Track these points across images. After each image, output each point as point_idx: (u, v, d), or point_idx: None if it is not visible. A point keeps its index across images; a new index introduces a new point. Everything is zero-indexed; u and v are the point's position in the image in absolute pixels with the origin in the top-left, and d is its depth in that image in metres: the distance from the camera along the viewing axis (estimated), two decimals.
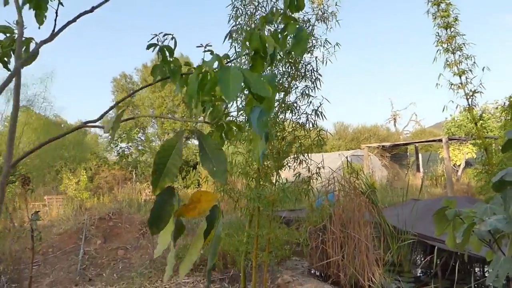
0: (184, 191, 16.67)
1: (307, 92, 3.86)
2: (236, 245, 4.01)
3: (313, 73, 3.86)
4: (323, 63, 4.13)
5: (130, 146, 17.47)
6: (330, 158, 11.73)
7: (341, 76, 58.35)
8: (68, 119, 26.16)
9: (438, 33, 7.75)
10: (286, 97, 4.08)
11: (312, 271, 5.42)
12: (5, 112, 11.21)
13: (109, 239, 6.14)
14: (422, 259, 5.94)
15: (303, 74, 3.87)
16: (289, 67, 3.82)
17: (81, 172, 15.84)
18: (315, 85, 3.86)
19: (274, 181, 3.79)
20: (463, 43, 7.57)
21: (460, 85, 7.60)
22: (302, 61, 3.99)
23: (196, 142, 24.81)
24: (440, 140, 14.75)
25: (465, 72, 7.60)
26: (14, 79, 1.22)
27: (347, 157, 6.13)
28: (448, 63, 7.66)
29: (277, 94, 4.09)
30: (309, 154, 4.05)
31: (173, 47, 1.35)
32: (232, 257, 4.73)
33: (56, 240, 5.84)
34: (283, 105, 4.04)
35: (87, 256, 5.50)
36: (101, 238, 6.08)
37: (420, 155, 19.26)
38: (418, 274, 5.46)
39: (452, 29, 7.63)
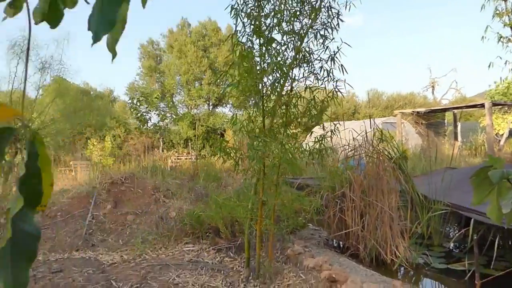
0: (210, 159, 16.44)
1: (322, 33, 3.24)
2: (241, 212, 3.61)
3: (330, 11, 3.22)
4: (345, 8, 3.52)
5: (150, 110, 17.34)
6: (362, 126, 11.05)
7: (374, 39, 55.30)
8: (93, 84, 26.35)
9: None
10: (302, 45, 3.48)
11: (330, 242, 4.98)
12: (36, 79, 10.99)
13: (120, 204, 5.94)
14: (456, 232, 5.35)
15: (318, 10, 3.23)
16: (299, 3, 3.19)
17: (107, 138, 16.05)
18: (331, 24, 3.23)
19: (281, 140, 3.29)
20: None
21: (511, 37, 6.62)
22: None
23: (224, 110, 24.27)
24: (482, 106, 13.52)
25: None
26: None
27: (371, 121, 5.51)
28: (497, 12, 6.62)
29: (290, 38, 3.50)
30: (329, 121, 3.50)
31: None
32: (240, 225, 4.36)
33: (66, 204, 5.70)
34: (297, 57, 3.46)
35: (95, 221, 5.32)
36: (112, 202, 5.88)
37: (459, 124, 17.83)
38: (450, 248, 4.89)
39: None
